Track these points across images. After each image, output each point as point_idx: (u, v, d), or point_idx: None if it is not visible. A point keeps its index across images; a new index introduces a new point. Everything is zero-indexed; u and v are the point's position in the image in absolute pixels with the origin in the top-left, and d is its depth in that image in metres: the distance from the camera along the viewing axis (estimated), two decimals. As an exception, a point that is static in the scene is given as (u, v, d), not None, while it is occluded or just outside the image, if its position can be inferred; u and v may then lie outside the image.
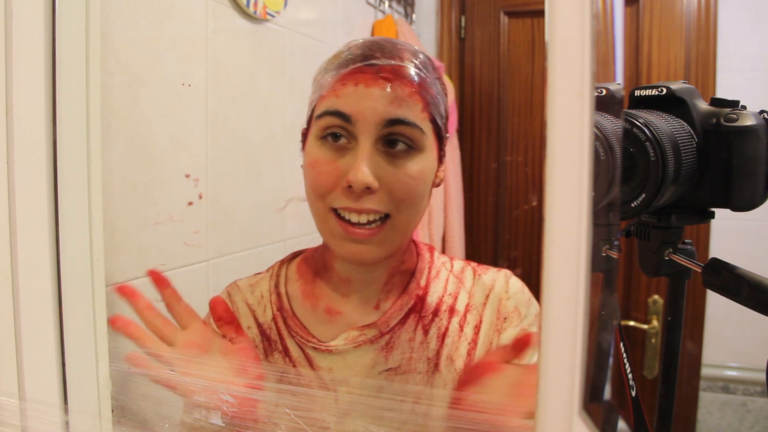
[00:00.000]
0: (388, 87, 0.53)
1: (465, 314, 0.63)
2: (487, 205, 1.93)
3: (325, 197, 0.55)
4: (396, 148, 0.54)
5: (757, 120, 0.52)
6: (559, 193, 0.32)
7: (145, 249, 0.82)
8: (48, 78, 0.49)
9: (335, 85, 0.55)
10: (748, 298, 0.50)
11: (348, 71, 0.55)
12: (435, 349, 0.61)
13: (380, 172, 0.53)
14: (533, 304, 0.65)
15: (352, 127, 0.53)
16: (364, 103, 0.53)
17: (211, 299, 0.56)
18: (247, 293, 0.66)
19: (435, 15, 1.93)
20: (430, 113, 0.56)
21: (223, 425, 0.48)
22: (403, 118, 0.53)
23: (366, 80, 0.53)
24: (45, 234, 0.49)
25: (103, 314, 0.54)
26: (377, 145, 0.54)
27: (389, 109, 0.53)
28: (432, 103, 0.56)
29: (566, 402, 0.33)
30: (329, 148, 0.55)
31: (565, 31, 0.32)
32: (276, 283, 0.65)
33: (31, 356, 0.50)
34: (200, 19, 0.90)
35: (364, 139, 0.53)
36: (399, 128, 0.53)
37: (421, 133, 0.55)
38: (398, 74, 0.54)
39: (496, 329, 0.62)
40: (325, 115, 0.55)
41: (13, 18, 0.48)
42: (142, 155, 0.81)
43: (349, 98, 0.53)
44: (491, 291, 0.64)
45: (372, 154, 0.53)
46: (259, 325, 0.64)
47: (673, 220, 0.58)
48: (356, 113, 0.53)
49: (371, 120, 0.53)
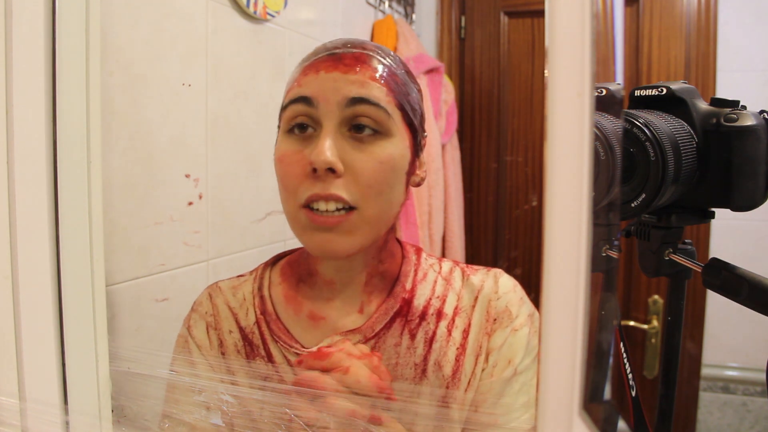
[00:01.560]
0: (349, 71, 0.53)
1: (453, 318, 0.61)
2: (487, 205, 1.93)
3: (296, 192, 0.54)
4: (362, 133, 0.53)
5: (757, 120, 0.52)
6: (559, 193, 0.32)
7: (145, 249, 0.82)
8: (48, 78, 0.49)
9: (298, 77, 0.56)
10: (748, 298, 0.50)
11: (310, 63, 0.56)
12: (422, 355, 0.59)
13: (345, 156, 0.52)
14: (525, 303, 0.62)
15: (314, 111, 0.53)
16: (326, 85, 0.53)
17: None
18: (229, 296, 0.64)
19: (435, 15, 1.93)
20: (397, 99, 0.55)
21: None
22: (366, 97, 0.52)
23: (326, 66, 0.54)
24: (45, 234, 0.49)
25: (103, 314, 0.54)
26: (342, 128, 0.53)
27: (351, 88, 0.52)
28: (399, 91, 0.56)
29: (566, 402, 0.33)
30: (295, 140, 0.54)
31: (565, 31, 0.32)
32: (260, 286, 0.64)
33: (31, 356, 0.50)
34: (200, 19, 0.90)
35: (327, 121, 0.53)
36: (362, 107, 0.52)
37: (387, 116, 0.54)
38: (360, 60, 0.54)
39: (486, 332, 0.60)
40: (288, 105, 0.55)
41: (13, 18, 0.48)
42: (142, 155, 0.81)
43: (311, 84, 0.53)
44: (480, 292, 0.62)
45: (336, 137, 0.52)
46: (241, 329, 0.62)
47: (673, 220, 0.58)
48: (317, 94, 0.53)
49: (332, 100, 0.52)
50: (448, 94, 1.75)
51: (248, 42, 1.03)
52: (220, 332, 0.63)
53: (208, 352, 0.62)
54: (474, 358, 0.60)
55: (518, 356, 0.59)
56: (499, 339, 0.60)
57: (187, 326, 0.64)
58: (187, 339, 0.63)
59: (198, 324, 0.64)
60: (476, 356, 0.60)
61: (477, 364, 0.59)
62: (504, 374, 0.58)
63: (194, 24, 0.89)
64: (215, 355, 0.62)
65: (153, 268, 0.83)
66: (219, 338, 0.62)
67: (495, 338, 0.60)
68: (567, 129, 0.32)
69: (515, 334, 0.60)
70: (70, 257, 0.51)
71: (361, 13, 1.52)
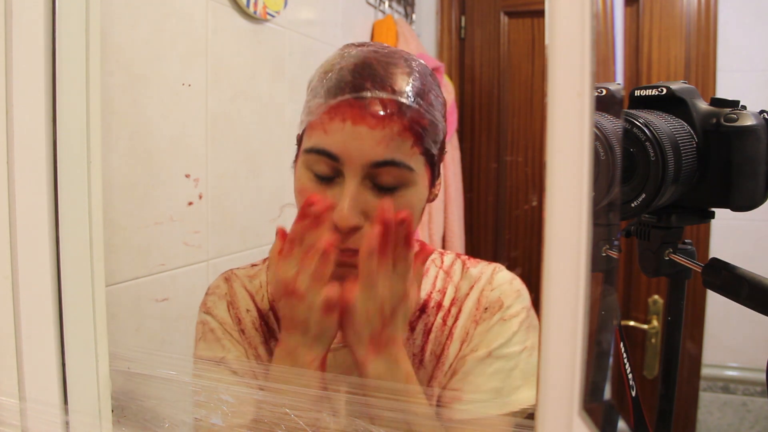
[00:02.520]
0: (377, 126, 0.52)
1: (449, 308, 0.63)
2: (487, 205, 1.93)
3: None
4: (383, 185, 0.53)
5: (757, 120, 0.52)
6: (559, 193, 0.32)
7: (145, 249, 0.82)
8: (48, 78, 0.49)
9: (323, 117, 0.53)
10: (748, 298, 0.50)
11: (336, 103, 0.53)
12: (420, 345, 0.61)
13: (367, 206, 0.53)
14: (522, 297, 0.63)
15: (339, 165, 0.53)
16: (352, 144, 0.52)
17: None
18: (246, 281, 0.67)
19: (435, 15, 1.93)
20: (422, 146, 0.54)
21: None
22: (391, 160, 0.52)
23: (354, 117, 0.52)
24: (45, 234, 0.49)
25: (103, 314, 0.54)
26: (365, 182, 0.53)
27: (377, 151, 0.52)
28: (424, 135, 0.55)
29: (566, 402, 0.33)
30: (317, 181, 0.55)
31: (565, 31, 0.32)
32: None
33: (31, 356, 0.50)
34: (200, 19, 0.90)
35: (350, 178, 0.52)
36: (387, 169, 0.52)
37: (410, 171, 0.53)
38: (388, 109, 0.52)
39: (474, 319, 0.62)
40: (312, 152, 0.54)
41: (13, 18, 0.48)
42: (142, 155, 0.81)
43: (336, 136, 0.52)
44: (476, 282, 0.64)
45: (359, 192, 0.52)
46: (258, 309, 0.64)
47: (673, 220, 0.58)
48: (343, 154, 0.52)
49: (358, 161, 0.52)
50: (448, 94, 1.75)
51: (248, 42, 1.03)
52: (237, 311, 0.64)
53: (232, 329, 0.63)
54: (459, 343, 0.61)
55: (497, 342, 0.60)
56: (485, 327, 0.61)
57: (204, 309, 0.65)
58: (206, 321, 0.64)
59: (218, 304, 0.65)
60: (461, 342, 0.61)
61: (461, 350, 0.61)
62: (478, 354, 0.60)
63: (194, 24, 0.89)
64: (238, 332, 0.63)
65: (153, 268, 0.83)
66: (237, 317, 0.64)
67: (481, 326, 0.61)
68: (567, 129, 0.32)
69: (503, 323, 0.61)
70: (70, 257, 0.51)
71: (361, 13, 1.52)
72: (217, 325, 0.64)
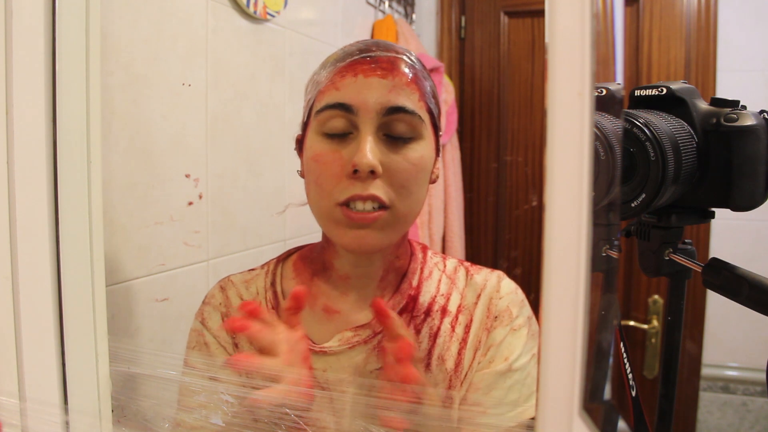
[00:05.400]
0: (387, 76, 0.56)
1: (457, 315, 0.63)
2: (487, 205, 1.93)
3: (331, 192, 0.56)
4: (397, 135, 0.56)
5: (757, 120, 0.52)
6: (559, 193, 0.32)
7: (145, 249, 0.82)
8: (48, 78, 0.49)
9: (334, 77, 0.57)
10: (748, 298, 0.50)
11: (346, 64, 0.57)
12: (426, 349, 0.61)
13: (382, 158, 0.55)
14: (526, 306, 0.65)
15: (354, 117, 0.55)
16: (365, 93, 0.55)
17: (296, 290, 0.53)
18: (242, 289, 0.66)
19: (435, 15, 1.93)
20: (426, 103, 0.58)
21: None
22: (403, 106, 0.55)
23: (365, 71, 0.56)
24: (45, 234, 0.49)
25: (103, 314, 0.54)
26: (378, 133, 0.56)
27: (389, 98, 0.55)
28: (427, 93, 0.59)
29: (566, 402, 0.33)
30: (332, 141, 0.56)
31: (565, 31, 0.32)
32: (272, 281, 0.65)
33: (31, 356, 0.50)
34: (200, 19, 0.90)
35: (365, 127, 0.55)
36: (399, 116, 0.55)
37: (420, 121, 0.57)
38: (395, 65, 0.57)
39: (486, 327, 0.62)
40: (326, 108, 0.56)
41: (13, 18, 0.48)
42: (142, 155, 0.81)
43: (350, 89, 0.56)
44: (483, 290, 0.64)
45: (374, 141, 0.55)
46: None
47: (673, 219, 0.58)
48: (358, 103, 0.55)
49: (372, 109, 0.55)
50: (448, 94, 1.75)
51: (248, 42, 1.03)
52: None
53: (226, 342, 0.63)
54: (473, 352, 0.61)
55: (515, 353, 0.61)
56: (499, 336, 0.62)
57: (200, 320, 0.65)
58: (201, 332, 0.64)
59: (212, 315, 0.65)
60: (475, 350, 0.62)
61: (475, 357, 0.61)
62: (498, 368, 0.60)
63: (194, 24, 0.89)
64: (231, 345, 0.63)
65: (153, 268, 0.84)
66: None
67: (494, 335, 0.62)
68: (567, 129, 0.32)
69: (514, 333, 0.62)
70: (70, 257, 0.51)
71: (361, 13, 1.52)
72: (212, 340, 0.63)
